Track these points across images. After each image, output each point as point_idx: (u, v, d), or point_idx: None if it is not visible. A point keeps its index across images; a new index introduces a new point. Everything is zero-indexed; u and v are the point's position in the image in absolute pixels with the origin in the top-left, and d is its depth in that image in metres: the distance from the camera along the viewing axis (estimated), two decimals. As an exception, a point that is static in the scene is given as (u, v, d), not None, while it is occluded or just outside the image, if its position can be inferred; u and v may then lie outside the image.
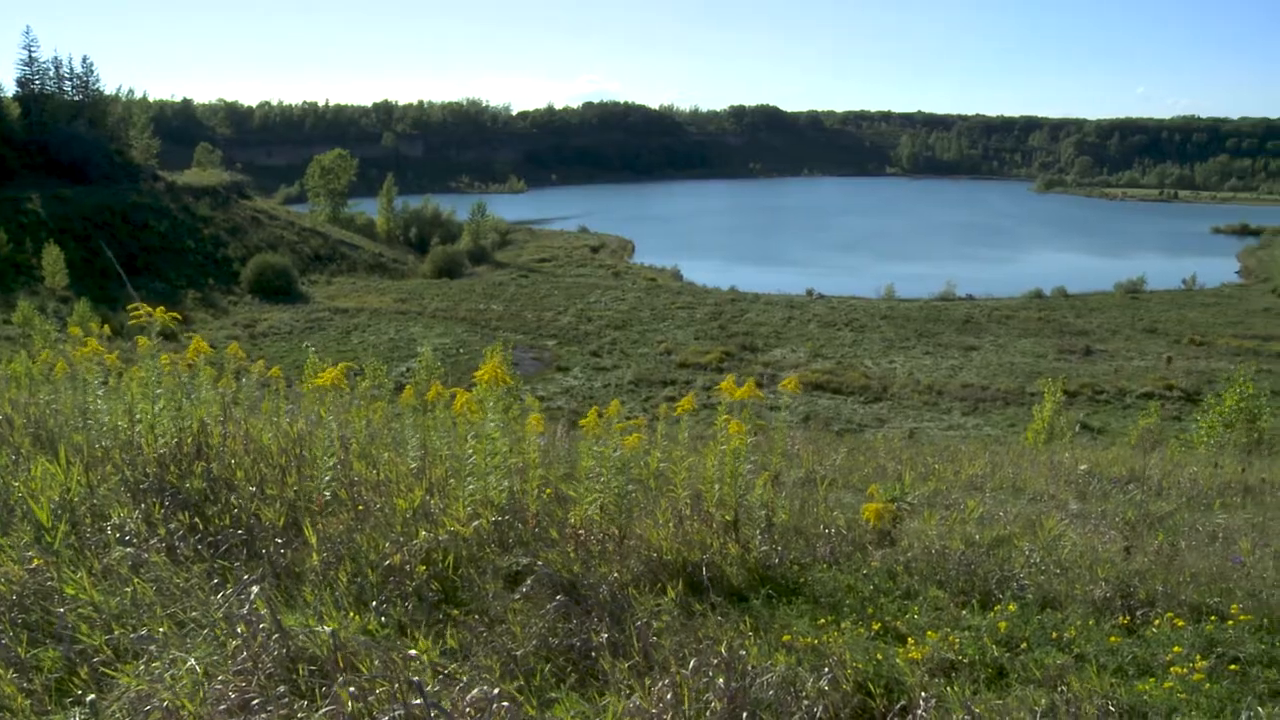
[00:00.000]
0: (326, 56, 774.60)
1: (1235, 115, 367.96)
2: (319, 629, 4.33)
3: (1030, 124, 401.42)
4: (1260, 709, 4.61)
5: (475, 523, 6.30)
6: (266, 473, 6.97)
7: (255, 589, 4.48)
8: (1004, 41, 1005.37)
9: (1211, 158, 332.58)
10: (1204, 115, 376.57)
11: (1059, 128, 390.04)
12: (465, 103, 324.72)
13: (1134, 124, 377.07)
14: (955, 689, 4.81)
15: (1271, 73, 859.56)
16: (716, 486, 6.72)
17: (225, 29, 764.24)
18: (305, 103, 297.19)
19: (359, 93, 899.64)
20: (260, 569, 5.38)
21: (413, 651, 4.14)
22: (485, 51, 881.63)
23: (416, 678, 3.76)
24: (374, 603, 5.16)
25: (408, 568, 5.58)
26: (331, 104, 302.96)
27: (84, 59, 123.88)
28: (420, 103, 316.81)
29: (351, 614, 4.98)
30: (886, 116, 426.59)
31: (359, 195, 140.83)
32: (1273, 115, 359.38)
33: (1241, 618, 5.90)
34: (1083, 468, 13.39)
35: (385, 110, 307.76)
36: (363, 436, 8.65)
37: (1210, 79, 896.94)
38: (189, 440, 7.16)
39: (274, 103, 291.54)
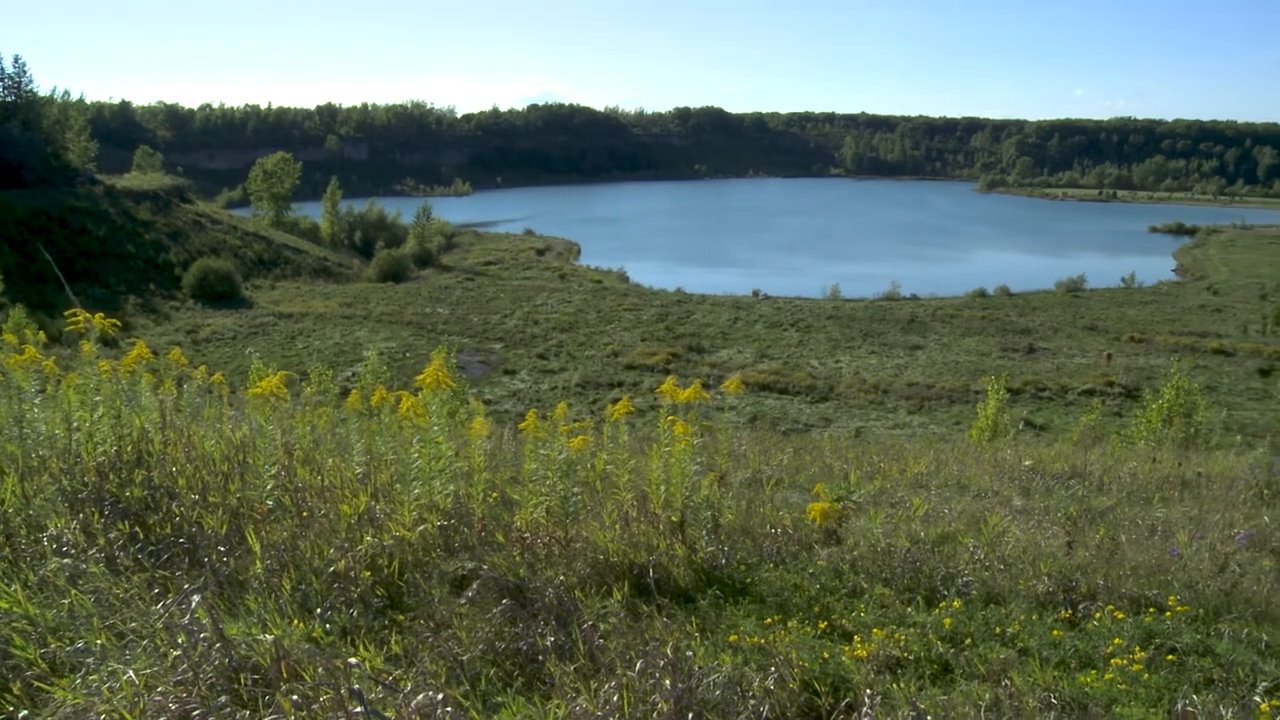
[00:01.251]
0: (268, 59, 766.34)
1: (1170, 117, 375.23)
2: (261, 637, 4.28)
3: (972, 125, 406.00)
4: (1195, 697, 4.70)
5: (421, 527, 6.26)
6: (209, 480, 6.88)
7: (196, 598, 4.42)
8: (946, 44, 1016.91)
9: (1148, 158, 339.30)
10: (1140, 117, 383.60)
11: (1000, 129, 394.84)
12: (409, 105, 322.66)
13: (1073, 125, 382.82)
14: (901, 685, 4.85)
15: (1203, 77, 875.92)
16: (662, 488, 6.73)
17: (163, 31, 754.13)
18: (247, 105, 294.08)
19: (302, 95, 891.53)
20: (202, 578, 5.31)
21: (354, 660, 4.09)
22: (429, 53, 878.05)
23: (358, 685, 3.72)
24: (318, 610, 5.11)
25: (352, 574, 5.53)
26: (274, 106, 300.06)
27: (15, 59, 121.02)
28: (364, 105, 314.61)
29: (295, 621, 4.93)
30: (830, 118, 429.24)
31: (303, 199, 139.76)
32: (1205, 118, 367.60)
33: (1179, 609, 6.01)
34: (1026, 464, 13.54)
35: (329, 113, 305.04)
36: (307, 442, 8.57)
37: (1145, 82, 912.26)
38: (129, 448, 7.06)
39: (215, 105, 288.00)
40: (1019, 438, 26.17)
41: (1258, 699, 4.66)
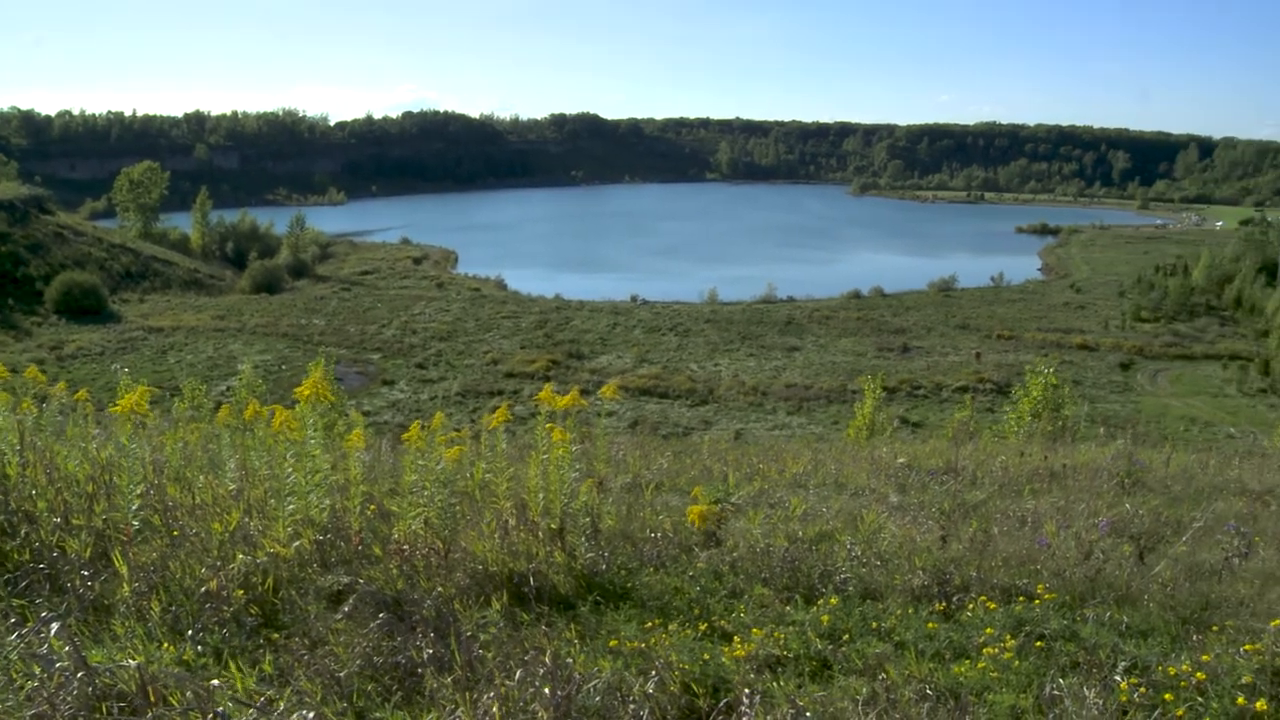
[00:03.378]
0: (132, 65, 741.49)
1: (1032, 122, 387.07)
2: (126, 663, 4.14)
3: (844, 129, 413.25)
4: (1061, 680, 4.85)
5: (296, 543, 6.14)
6: (72, 502, 6.65)
7: (55, 625, 4.26)
8: (817, 50, 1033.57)
9: (1012, 161, 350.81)
10: (1004, 121, 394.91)
11: (872, 133, 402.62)
12: (281, 113, 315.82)
13: (941, 129, 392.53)
14: (781, 684, 4.90)
15: (1061, 83, 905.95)
16: (540, 495, 6.70)
17: (16, 35, 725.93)
18: (110, 112, 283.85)
19: (168, 103, 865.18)
20: (65, 604, 5.13)
21: (216, 682, 3.99)
22: (301, 60, 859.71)
23: (221, 708, 3.63)
24: (190, 631, 4.97)
25: (225, 593, 5.40)
26: (139, 114, 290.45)
27: None
28: (234, 113, 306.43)
29: (165, 645, 4.79)
30: (705, 123, 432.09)
31: (171, 209, 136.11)
32: (1064, 122, 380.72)
33: (1047, 596, 6.21)
34: (901, 461, 13.75)
35: (197, 121, 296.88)
36: (177, 459, 8.34)
37: (1008, 87, 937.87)
38: (-17, 472, 6.79)
39: (75, 112, 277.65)
40: (895, 435, 26.65)
41: (1118, 678, 4.85)
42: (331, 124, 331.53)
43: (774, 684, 4.89)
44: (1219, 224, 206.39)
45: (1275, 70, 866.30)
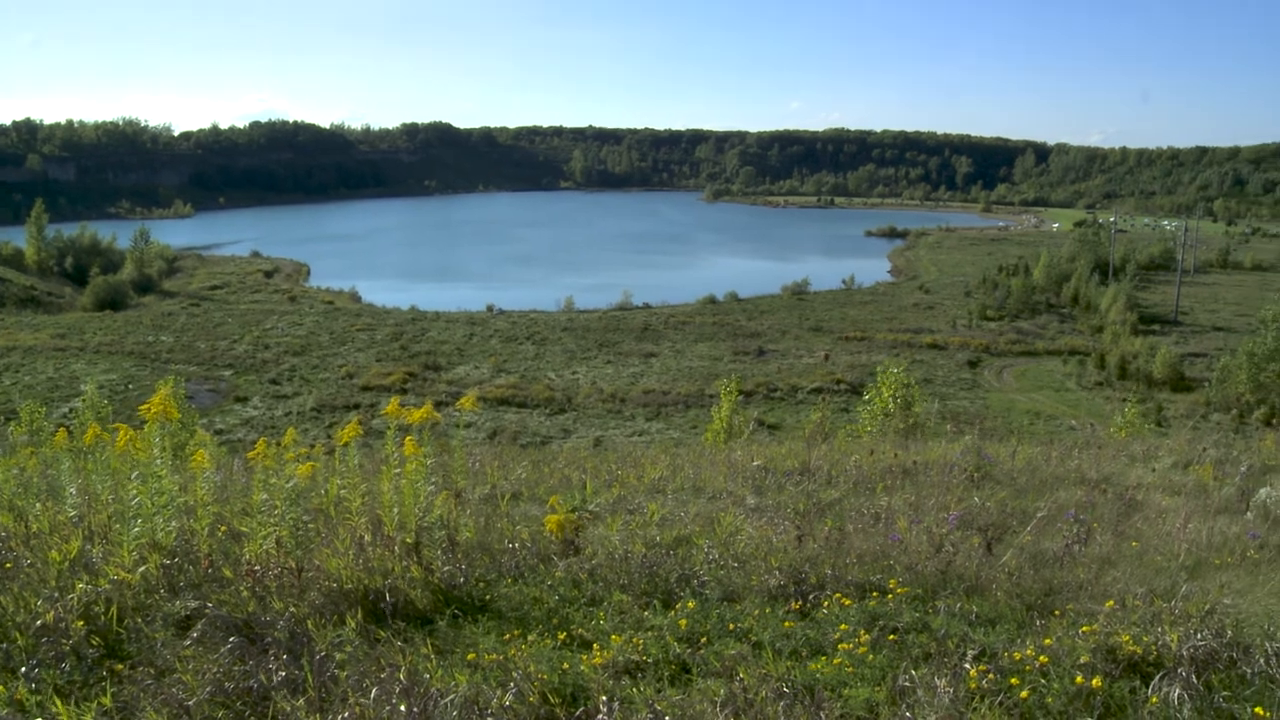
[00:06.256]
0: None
1: (879, 128, 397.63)
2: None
3: (696, 137, 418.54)
4: (914, 672, 4.98)
5: (142, 568, 5.95)
6: (-110, 537, 6.33)
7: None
8: (668, 56, 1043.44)
9: (861, 167, 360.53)
10: (852, 128, 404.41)
11: (724, 140, 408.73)
12: (121, 122, 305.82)
13: (791, 136, 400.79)
14: (640, 689, 4.91)
15: (907, 90, 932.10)
16: (395, 510, 6.61)
17: None
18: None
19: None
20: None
21: None
22: (141, 68, 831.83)
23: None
24: (23, 669, 4.76)
25: (63, 625, 5.19)
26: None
27: None
28: (70, 122, 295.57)
29: (-5, 684, 4.58)
30: (559, 131, 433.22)
31: (3, 224, 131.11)
32: (909, 129, 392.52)
33: (899, 590, 6.37)
34: (757, 463, 13.90)
35: (28, 129, 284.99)
36: (11, 486, 7.99)
37: (855, 95, 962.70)
38: None
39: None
40: (752, 438, 26.97)
41: (968, 666, 5.00)
42: (176, 134, 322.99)
43: (633, 690, 4.91)
44: (1055, 226, 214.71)
45: (1102, 80, 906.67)
